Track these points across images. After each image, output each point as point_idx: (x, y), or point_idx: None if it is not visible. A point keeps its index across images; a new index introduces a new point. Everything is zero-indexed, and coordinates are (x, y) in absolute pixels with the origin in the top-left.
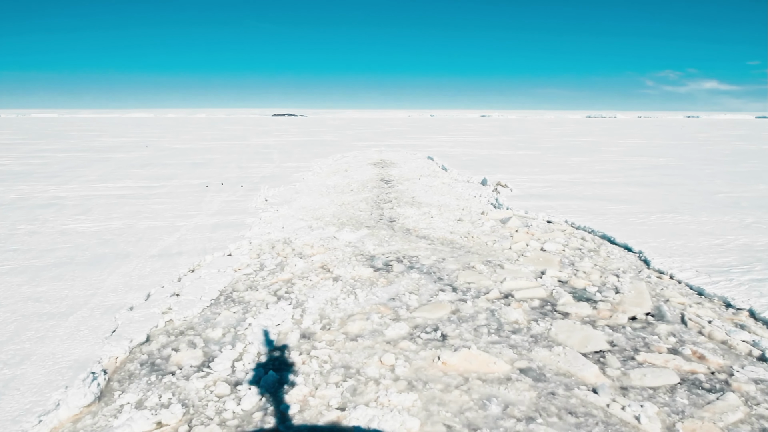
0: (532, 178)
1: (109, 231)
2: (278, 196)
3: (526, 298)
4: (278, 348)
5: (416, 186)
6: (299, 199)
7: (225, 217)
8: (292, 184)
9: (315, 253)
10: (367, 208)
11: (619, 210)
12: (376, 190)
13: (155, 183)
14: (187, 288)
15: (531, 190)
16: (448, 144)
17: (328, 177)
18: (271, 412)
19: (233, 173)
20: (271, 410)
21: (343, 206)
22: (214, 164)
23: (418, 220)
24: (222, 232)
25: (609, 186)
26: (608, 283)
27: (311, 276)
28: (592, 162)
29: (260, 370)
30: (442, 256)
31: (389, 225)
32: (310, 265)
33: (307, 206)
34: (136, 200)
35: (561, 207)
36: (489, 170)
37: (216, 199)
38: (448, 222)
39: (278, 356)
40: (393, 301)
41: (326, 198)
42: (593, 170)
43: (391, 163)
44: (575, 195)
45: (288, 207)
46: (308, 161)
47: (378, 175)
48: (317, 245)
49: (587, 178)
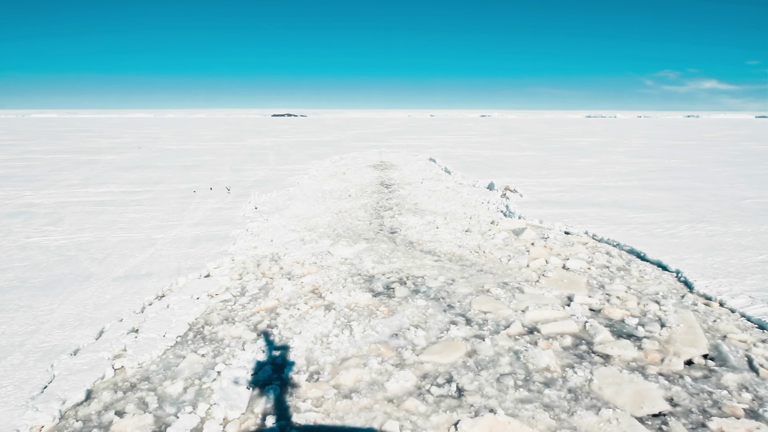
0: (541, 181)
1: (75, 245)
2: (270, 202)
3: (554, 333)
4: (251, 411)
5: (418, 191)
6: (292, 207)
7: (208, 228)
8: (285, 189)
9: (306, 273)
10: (366, 216)
11: (642, 219)
12: (376, 195)
13: (139, 188)
14: (150, 322)
15: (542, 195)
16: (449, 144)
17: (325, 181)
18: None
19: (225, 176)
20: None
21: (340, 214)
22: (206, 167)
23: (422, 231)
24: (202, 246)
25: (625, 190)
26: (649, 312)
27: (299, 304)
28: (601, 164)
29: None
30: (451, 276)
31: (390, 237)
32: (299, 288)
33: (300, 215)
34: (115, 207)
35: (578, 215)
36: (495, 173)
37: (201, 207)
38: (456, 233)
39: (249, 425)
40: (396, 338)
41: (322, 205)
42: (604, 173)
43: (391, 166)
44: (591, 201)
45: (279, 216)
46: (305, 163)
47: (378, 179)
48: (309, 263)
49: (600, 182)
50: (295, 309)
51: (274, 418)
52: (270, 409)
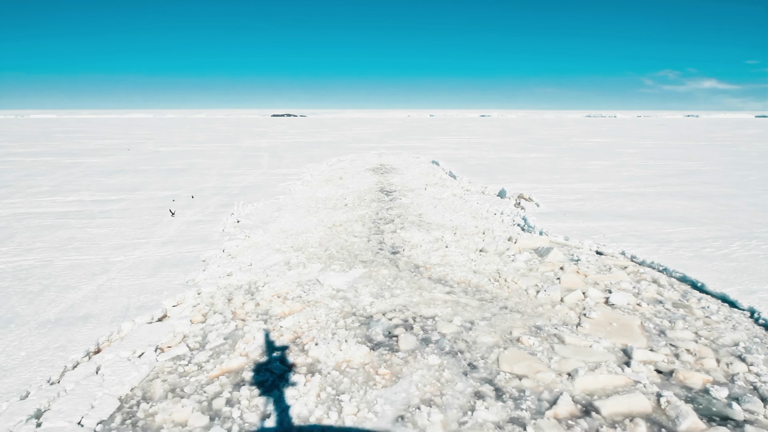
0: (556, 187)
1: (12, 272)
2: (255, 214)
3: (620, 415)
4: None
5: (422, 199)
6: (280, 219)
7: (178, 248)
8: (275, 198)
9: (287, 313)
10: (364, 231)
11: (683, 234)
12: (375, 204)
13: (114, 196)
14: (65, 397)
15: (561, 204)
16: (452, 146)
17: (320, 187)
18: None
19: (211, 182)
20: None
21: (334, 229)
22: (194, 170)
23: (428, 251)
24: (165, 274)
25: (651, 198)
26: (738, 376)
27: (274, 363)
28: (615, 167)
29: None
30: (468, 316)
31: (392, 259)
32: (276, 336)
33: (288, 229)
34: (78, 220)
35: (607, 230)
36: (503, 177)
37: (177, 220)
38: (469, 254)
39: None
40: (401, 424)
41: (314, 216)
42: (622, 177)
43: (391, 169)
44: (617, 211)
45: (264, 231)
46: (299, 167)
47: (377, 184)
48: (292, 296)
49: (620, 188)
50: (266, 372)
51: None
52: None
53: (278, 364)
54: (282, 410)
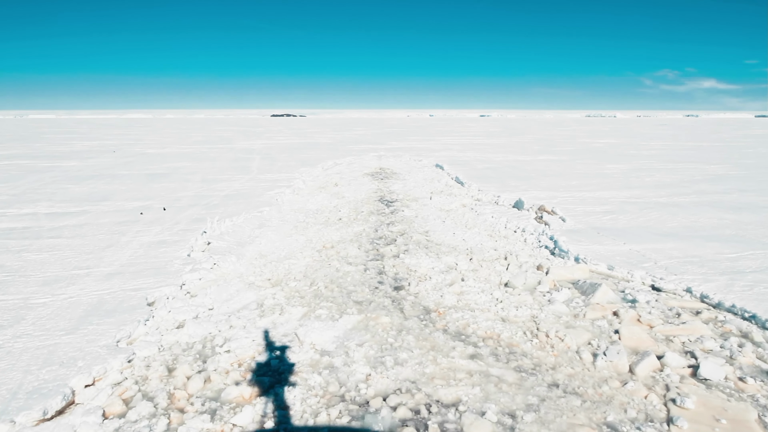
0: (577, 196)
1: None
2: (232, 232)
3: None
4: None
5: (428, 211)
6: (261, 239)
7: (124, 282)
8: (259, 210)
9: (246, 399)
10: (360, 255)
11: (753, 261)
12: (374, 218)
13: (75, 207)
14: None
15: (590, 218)
16: (455, 147)
17: (312, 195)
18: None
19: (191, 190)
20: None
21: (324, 253)
22: (176, 175)
23: (440, 285)
24: (91, 329)
25: (690, 210)
26: None
27: None
28: (635, 171)
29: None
30: (506, 403)
31: (394, 298)
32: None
33: (268, 253)
34: (20, 241)
35: (655, 254)
36: (516, 184)
37: (137, 240)
38: (491, 289)
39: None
40: None
41: (301, 235)
42: (646, 183)
43: (392, 174)
44: (658, 228)
45: (237, 257)
46: (292, 171)
47: (376, 192)
48: (258, 366)
49: (649, 196)
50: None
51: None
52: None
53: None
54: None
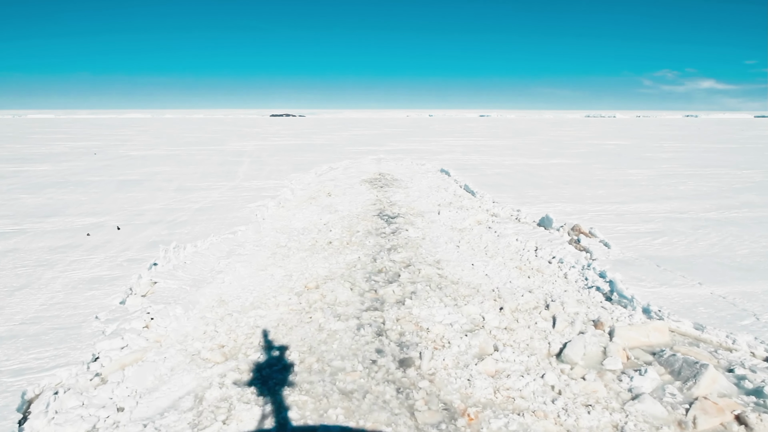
0: (611, 210)
1: None
2: (189, 265)
3: None
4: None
5: (437, 230)
6: (225, 276)
7: (8, 357)
8: (234, 229)
9: None
10: (353, 302)
11: None
12: (372, 240)
13: (13, 225)
14: None
15: (637, 242)
16: (458, 149)
17: (300, 209)
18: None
19: (161, 201)
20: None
21: (305, 297)
22: (150, 182)
23: (466, 361)
24: None
25: (752, 229)
26: None
27: None
28: (662, 177)
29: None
30: None
31: (400, 386)
32: None
33: (230, 299)
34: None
35: (748, 300)
36: (535, 194)
37: (64, 275)
38: (540, 368)
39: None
40: None
41: (279, 267)
42: (682, 193)
43: (393, 180)
44: (730, 258)
45: (185, 308)
46: (282, 177)
47: (375, 204)
48: None
49: (695, 210)
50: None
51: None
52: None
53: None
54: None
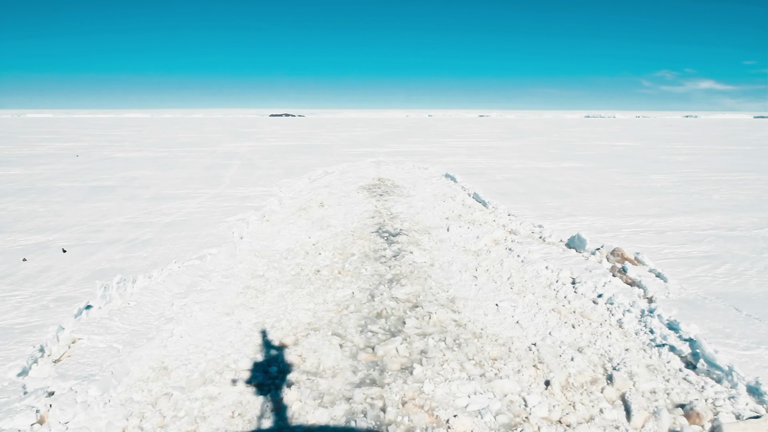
0: (647, 225)
1: None
2: (130, 309)
3: None
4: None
5: (448, 252)
6: (175, 327)
7: None
8: (203, 252)
9: None
10: (343, 370)
11: None
12: (370, 267)
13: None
14: None
15: (695, 271)
16: (462, 151)
17: (286, 223)
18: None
19: (130, 213)
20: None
21: (278, 361)
22: (125, 189)
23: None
24: None
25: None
26: None
27: None
28: (689, 183)
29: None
30: None
31: None
32: None
33: (175, 364)
34: None
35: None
36: (554, 204)
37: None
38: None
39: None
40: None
41: (249, 310)
42: (719, 204)
43: (393, 187)
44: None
45: (103, 387)
46: (271, 183)
47: (374, 217)
48: None
49: (745, 227)
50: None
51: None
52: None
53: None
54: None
